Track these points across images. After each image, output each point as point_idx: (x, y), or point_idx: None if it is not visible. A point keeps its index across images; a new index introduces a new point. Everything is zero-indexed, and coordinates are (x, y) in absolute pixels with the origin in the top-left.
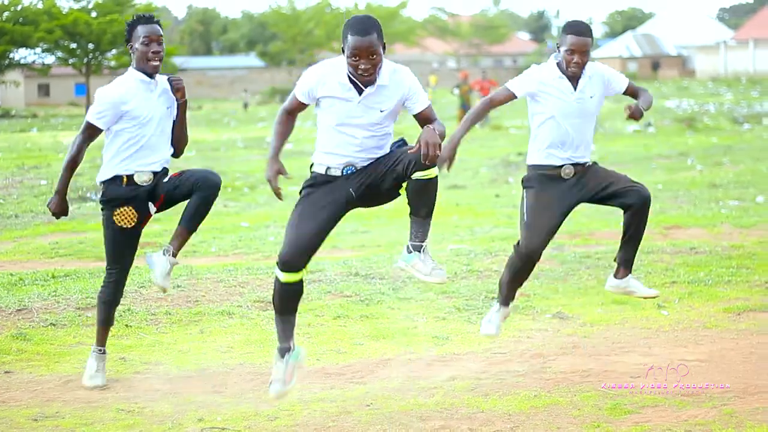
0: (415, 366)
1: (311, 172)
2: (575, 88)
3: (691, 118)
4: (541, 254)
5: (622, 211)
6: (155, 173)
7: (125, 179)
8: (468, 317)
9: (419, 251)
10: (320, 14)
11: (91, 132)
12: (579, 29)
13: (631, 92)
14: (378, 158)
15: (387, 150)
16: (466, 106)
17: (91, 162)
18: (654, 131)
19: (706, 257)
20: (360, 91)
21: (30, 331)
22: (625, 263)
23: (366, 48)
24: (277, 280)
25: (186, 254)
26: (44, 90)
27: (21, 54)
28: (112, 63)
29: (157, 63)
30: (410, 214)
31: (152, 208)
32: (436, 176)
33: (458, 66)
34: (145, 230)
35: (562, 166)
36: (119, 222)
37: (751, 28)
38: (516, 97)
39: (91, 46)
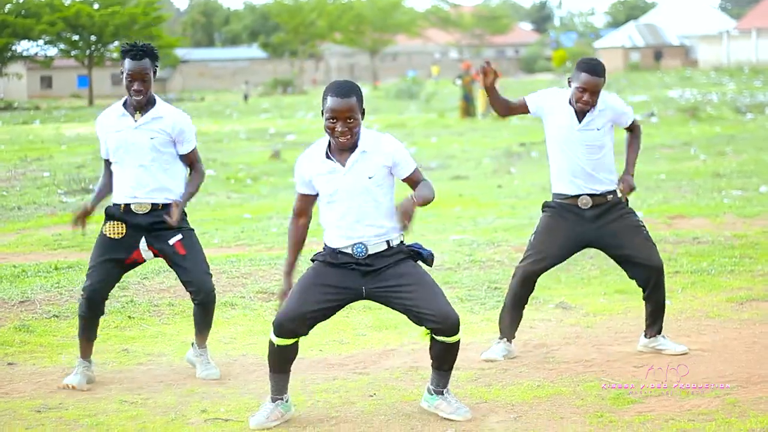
0: (417, 356)
1: (324, 248)
2: (580, 121)
3: (693, 107)
4: (536, 279)
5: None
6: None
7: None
8: (470, 307)
9: (441, 394)
10: (323, 5)
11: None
12: (592, 68)
13: (630, 129)
14: (398, 273)
15: (393, 223)
16: (468, 96)
17: (94, 154)
18: (657, 121)
19: (709, 247)
20: (343, 163)
21: (33, 322)
22: (653, 328)
23: (343, 110)
24: (270, 342)
25: None
26: (47, 82)
27: (23, 46)
28: (115, 55)
29: (141, 98)
30: (433, 366)
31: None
32: (459, 339)
33: (460, 56)
34: None
35: (578, 195)
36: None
37: (754, 18)
38: (528, 110)
39: (93, 38)
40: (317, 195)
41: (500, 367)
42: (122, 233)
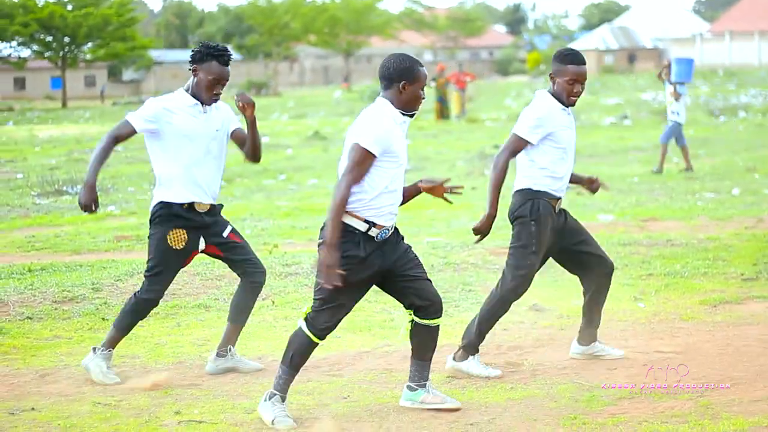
0: (391, 358)
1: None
2: (569, 115)
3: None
4: None
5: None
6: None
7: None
8: (445, 310)
9: (424, 387)
10: (297, 7)
11: None
12: (578, 58)
13: None
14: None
15: None
16: (442, 99)
17: (67, 156)
18: (630, 123)
19: (682, 249)
20: None
21: (6, 324)
22: (591, 334)
23: None
24: (308, 340)
25: None
26: (20, 83)
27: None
28: (88, 56)
29: (214, 101)
30: (414, 357)
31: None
32: (439, 324)
33: (435, 59)
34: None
35: (559, 198)
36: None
37: (727, 21)
38: (533, 144)
39: (67, 39)
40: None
41: None
42: (186, 240)
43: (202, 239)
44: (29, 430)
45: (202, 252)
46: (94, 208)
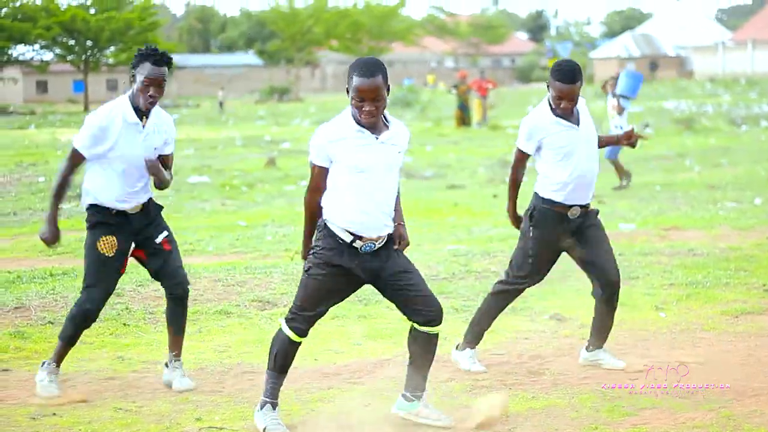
0: None
1: (329, 236)
2: (577, 124)
3: (689, 119)
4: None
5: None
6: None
7: None
8: (466, 318)
9: (420, 399)
10: (319, 12)
11: None
12: (567, 77)
13: None
14: (398, 264)
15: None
16: (463, 106)
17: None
18: (652, 132)
19: (704, 259)
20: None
21: (28, 329)
22: (598, 340)
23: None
24: (287, 340)
25: (184, 253)
26: (42, 87)
27: (19, 50)
28: (110, 60)
29: (153, 106)
30: (411, 365)
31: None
32: (439, 333)
33: (456, 65)
34: None
35: (572, 206)
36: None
37: (750, 29)
38: (532, 154)
39: (89, 42)
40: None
41: (495, 378)
42: (115, 246)
43: (132, 243)
44: None
45: (131, 256)
46: (56, 244)
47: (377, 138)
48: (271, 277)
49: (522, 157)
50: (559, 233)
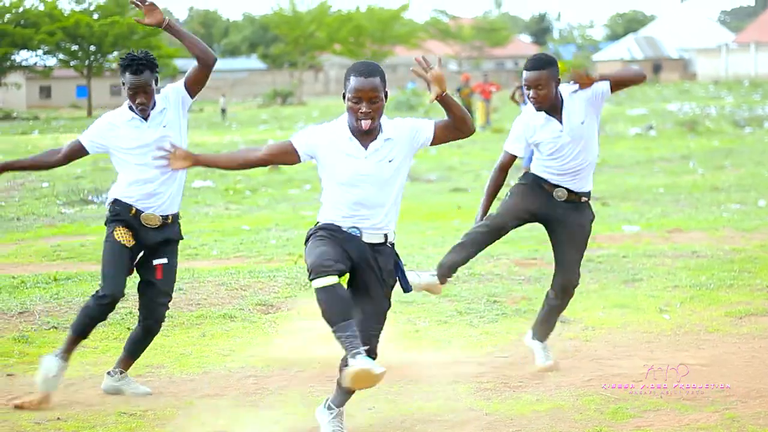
0: (416, 369)
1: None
2: (561, 122)
3: (692, 121)
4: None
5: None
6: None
7: None
8: (470, 321)
9: (340, 408)
10: (322, 16)
11: None
12: (529, 63)
13: (616, 82)
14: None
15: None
16: (467, 109)
17: (93, 165)
18: (655, 134)
19: (707, 261)
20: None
21: (32, 333)
22: (541, 333)
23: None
24: (317, 291)
25: (188, 257)
26: (46, 92)
27: (22, 56)
28: (114, 65)
29: (145, 111)
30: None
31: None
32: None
33: (459, 68)
34: None
35: (557, 186)
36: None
37: (753, 31)
38: (520, 156)
39: (92, 48)
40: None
41: (500, 380)
42: (131, 240)
43: (141, 251)
44: None
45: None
46: None
47: (366, 150)
48: (275, 280)
49: (506, 160)
50: (540, 198)
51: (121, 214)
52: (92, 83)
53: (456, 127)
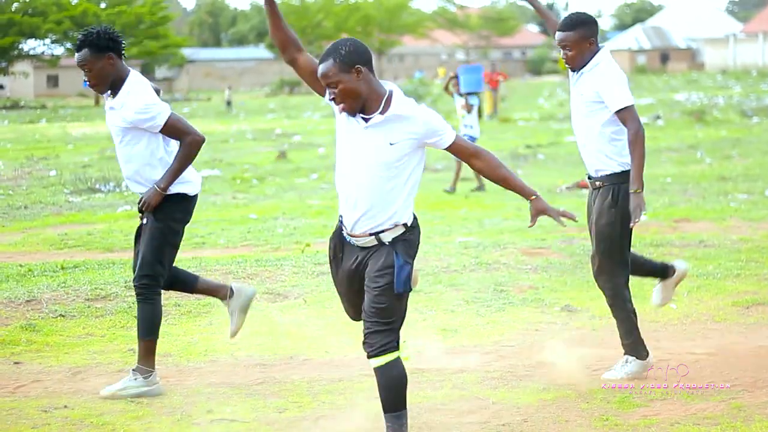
0: (423, 358)
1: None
2: (576, 81)
3: (700, 111)
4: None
5: None
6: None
7: None
8: (477, 310)
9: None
10: (329, 6)
11: None
12: (561, 24)
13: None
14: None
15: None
16: None
17: (100, 153)
18: (663, 124)
19: (714, 251)
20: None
21: (39, 322)
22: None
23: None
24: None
25: (195, 246)
26: (53, 81)
27: (30, 45)
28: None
29: (97, 90)
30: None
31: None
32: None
33: (467, 58)
34: None
35: (590, 177)
36: None
37: (761, 21)
38: None
39: None
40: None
41: (506, 369)
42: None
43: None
44: (62, 428)
45: None
46: None
47: (366, 122)
48: (282, 269)
49: None
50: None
51: None
52: None
53: (470, 165)
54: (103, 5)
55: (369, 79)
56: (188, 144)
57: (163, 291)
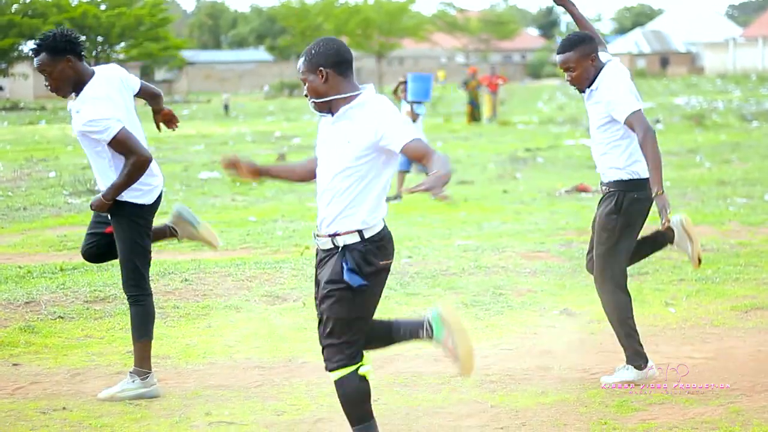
0: (422, 361)
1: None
2: (587, 98)
3: (699, 115)
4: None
5: None
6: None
7: None
8: (475, 313)
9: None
10: (329, 8)
11: None
12: (560, 47)
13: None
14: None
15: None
16: (474, 102)
17: None
18: (663, 128)
19: (714, 255)
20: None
21: (38, 323)
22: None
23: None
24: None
25: (194, 248)
26: None
27: (30, 46)
28: (121, 56)
29: (58, 94)
30: None
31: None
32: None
33: (467, 61)
34: None
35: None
36: None
37: (761, 26)
38: None
39: (99, 39)
40: None
41: (505, 373)
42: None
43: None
44: (61, 430)
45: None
46: None
47: (333, 118)
48: (281, 272)
49: None
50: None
51: None
52: None
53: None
54: (103, 7)
55: (335, 81)
56: (131, 164)
57: (161, 292)
